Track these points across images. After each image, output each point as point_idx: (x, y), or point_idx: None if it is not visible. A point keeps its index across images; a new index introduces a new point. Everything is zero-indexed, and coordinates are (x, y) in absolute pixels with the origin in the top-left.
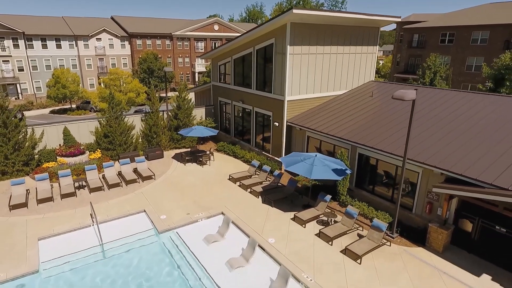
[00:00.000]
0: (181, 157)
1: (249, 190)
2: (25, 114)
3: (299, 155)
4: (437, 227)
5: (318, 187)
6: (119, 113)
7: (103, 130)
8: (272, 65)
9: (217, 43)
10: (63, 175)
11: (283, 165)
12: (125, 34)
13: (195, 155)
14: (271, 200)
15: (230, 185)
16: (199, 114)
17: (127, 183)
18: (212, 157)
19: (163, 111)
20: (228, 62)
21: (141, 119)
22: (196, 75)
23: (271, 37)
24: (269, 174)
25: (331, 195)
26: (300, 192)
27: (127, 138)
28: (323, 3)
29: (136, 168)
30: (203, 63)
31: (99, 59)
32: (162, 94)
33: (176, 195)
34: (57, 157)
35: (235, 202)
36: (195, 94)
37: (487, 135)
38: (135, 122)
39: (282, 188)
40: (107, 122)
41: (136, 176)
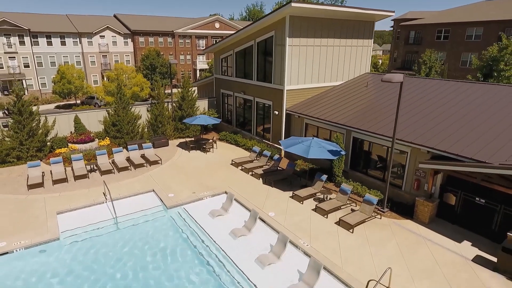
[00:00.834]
0: (185, 145)
1: (251, 173)
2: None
3: (297, 138)
4: (423, 200)
5: (315, 170)
6: (126, 103)
7: (111, 119)
8: (272, 57)
9: (218, 41)
10: (76, 159)
11: (282, 147)
12: (127, 31)
13: (199, 143)
14: (271, 181)
15: (232, 169)
16: (202, 105)
17: (136, 167)
18: (215, 145)
19: (167, 102)
20: (230, 55)
21: (147, 110)
22: (197, 72)
23: (271, 29)
24: (269, 159)
25: (328, 178)
26: (298, 174)
27: (133, 127)
28: (323, 2)
29: (143, 154)
30: (204, 60)
31: (102, 56)
32: (166, 90)
33: (182, 177)
34: (69, 143)
35: (238, 183)
36: (198, 87)
37: (471, 118)
38: (141, 112)
39: (281, 171)
40: (115, 111)
41: (143, 161)
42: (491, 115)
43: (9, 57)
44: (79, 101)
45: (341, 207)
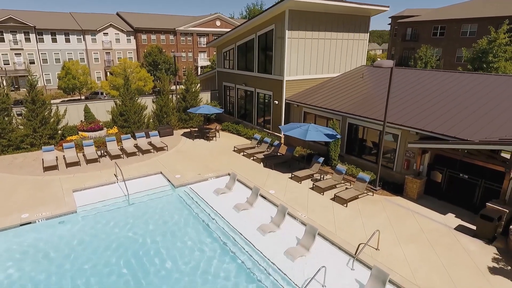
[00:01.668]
0: (189, 134)
1: (252, 158)
2: None
3: (296, 124)
4: (412, 178)
5: (313, 155)
6: (133, 94)
7: (118, 109)
8: (272, 49)
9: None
10: (87, 144)
11: (282, 131)
12: (130, 29)
13: (203, 132)
14: (271, 164)
15: (235, 155)
16: (205, 98)
17: (143, 153)
18: (218, 134)
19: (172, 94)
20: (232, 49)
21: (153, 101)
22: (198, 69)
23: (272, 23)
24: (269, 145)
25: (324, 162)
26: (297, 159)
27: (140, 117)
28: None
29: (150, 141)
30: (205, 57)
31: (106, 53)
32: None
33: (187, 162)
34: (79, 132)
35: (240, 166)
36: (200, 81)
37: (456, 104)
38: (147, 103)
39: (281, 156)
40: (122, 102)
41: (150, 147)
42: (475, 101)
43: (15, 54)
44: (83, 97)
45: (336, 186)
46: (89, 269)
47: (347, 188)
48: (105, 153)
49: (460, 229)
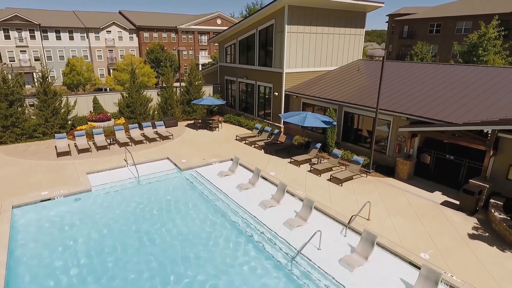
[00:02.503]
0: (193, 125)
1: (254, 145)
2: None
3: (295, 112)
4: (403, 160)
5: (310, 143)
6: (139, 86)
7: (125, 101)
8: (272, 43)
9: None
10: (97, 133)
11: (282, 119)
12: (133, 27)
13: (206, 122)
14: (272, 150)
15: (237, 143)
16: (207, 91)
17: (150, 141)
18: (220, 125)
19: (176, 87)
20: (233, 43)
21: (157, 94)
22: (199, 66)
23: (272, 18)
24: (269, 135)
25: (322, 148)
26: (296, 147)
27: (146, 108)
28: None
29: (156, 131)
30: (206, 55)
31: (109, 50)
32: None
33: (192, 149)
34: (88, 122)
35: (242, 153)
36: (203, 76)
37: (445, 92)
38: (152, 96)
39: (281, 143)
40: (129, 94)
41: (157, 136)
42: (462, 89)
43: (21, 51)
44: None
45: (333, 169)
46: (108, 233)
47: (342, 170)
48: (114, 141)
49: (445, 204)
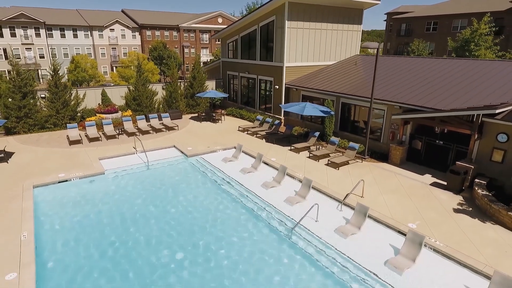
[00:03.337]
0: (197, 117)
1: (255, 135)
2: None
3: (295, 103)
4: (396, 146)
5: (309, 133)
6: (145, 80)
7: (132, 94)
8: (273, 38)
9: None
10: (106, 123)
11: (282, 109)
12: (135, 25)
13: (209, 115)
14: (273, 139)
15: (239, 133)
16: (210, 86)
17: (156, 132)
18: (223, 117)
19: (180, 82)
20: (235, 39)
21: (162, 88)
22: (201, 64)
23: (272, 15)
24: (270, 126)
25: (320, 138)
26: (296, 137)
27: (151, 102)
28: None
29: (162, 122)
30: (207, 53)
31: (112, 48)
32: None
33: (196, 138)
34: (96, 114)
35: (245, 142)
36: (205, 71)
37: (435, 83)
38: (158, 90)
39: (281, 133)
40: (135, 87)
41: (163, 127)
42: (452, 81)
43: (26, 48)
44: None
45: (330, 155)
46: (127, 206)
47: (339, 156)
48: (122, 131)
49: (434, 184)
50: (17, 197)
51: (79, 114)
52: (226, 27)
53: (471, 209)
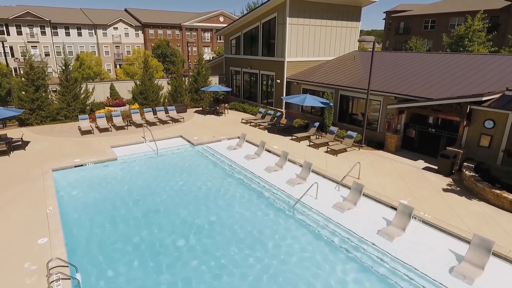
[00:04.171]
0: (202, 111)
1: (258, 127)
2: None
3: (296, 95)
4: (391, 134)
5: (309, 124)
6: (151, 75)
7: (139, 88)
8: (275, 34)
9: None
10: (115, 115)
11: (284, 100)
12: (139, 24)
13: (213, 108)
14: (274, 130)
15: (243, 125)
16: (214, 81)
17: (163, 123)
18: (226, 111)
19: (185, 77)
20: (238, 36)
21: (167, 83)
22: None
23: (274, 11)
24: (272, 118)
25: (319, 129)
26: (296, 128)
27: (157, 96)
28: None
29: (168, 114)
30: (209, 51)
31: (115, 46)
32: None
33: (202, 129)
34: (105, 106)
35: (248, 132)
36: (209, 67)
37: (428, 75)
38: (163, 85)
39: (283, 125)
40: (141, 82)
41: (169, 119)
42: (445, 73)
43: (32, 46)
44: None
45: (329, 143)
46: (142, 186)
47: (338, 144)
48: (130, 123)
49: (426, 169)
50: (39, 178)
51: (88, 107)
52: (229, 24)
53: (459, 188)
